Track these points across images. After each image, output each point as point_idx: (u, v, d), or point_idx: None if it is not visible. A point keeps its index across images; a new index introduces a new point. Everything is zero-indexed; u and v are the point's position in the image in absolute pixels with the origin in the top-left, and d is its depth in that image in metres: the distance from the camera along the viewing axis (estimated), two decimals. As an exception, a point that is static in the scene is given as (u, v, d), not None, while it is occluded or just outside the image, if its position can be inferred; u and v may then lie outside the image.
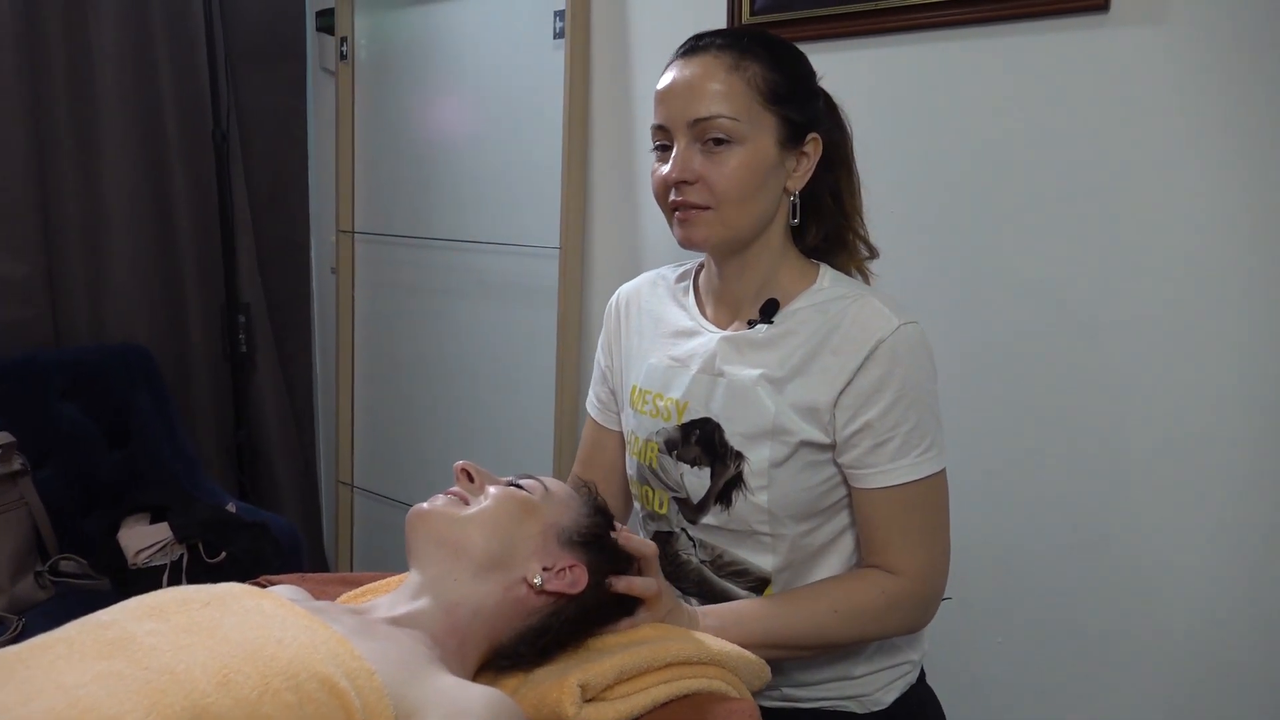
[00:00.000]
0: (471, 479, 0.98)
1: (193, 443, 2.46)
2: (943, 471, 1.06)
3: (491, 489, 0.97)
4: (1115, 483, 1.52)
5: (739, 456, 1.06)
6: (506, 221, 2.30)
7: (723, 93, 1.00)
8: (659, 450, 1.13)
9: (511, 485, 0.99)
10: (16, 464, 2.00)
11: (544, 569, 0.94)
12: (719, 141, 1.01)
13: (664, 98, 1.04)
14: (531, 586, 0.92)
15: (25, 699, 0.64)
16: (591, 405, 1.29)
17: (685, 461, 1.10)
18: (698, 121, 1.01)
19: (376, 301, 2.66)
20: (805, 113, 1.05)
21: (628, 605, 0.99)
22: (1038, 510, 1.60)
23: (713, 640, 0.97)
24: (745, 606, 1.05)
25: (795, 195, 1.07)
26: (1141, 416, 1.49)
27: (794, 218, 1.08)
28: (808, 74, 1.08)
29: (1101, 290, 1.50)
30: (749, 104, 1.01)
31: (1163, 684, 1.52)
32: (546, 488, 1.00)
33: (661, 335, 1.17)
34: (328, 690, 0.69)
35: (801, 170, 1.06)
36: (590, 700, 0.86)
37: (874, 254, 1.17)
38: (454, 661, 0.86)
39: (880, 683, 1.12)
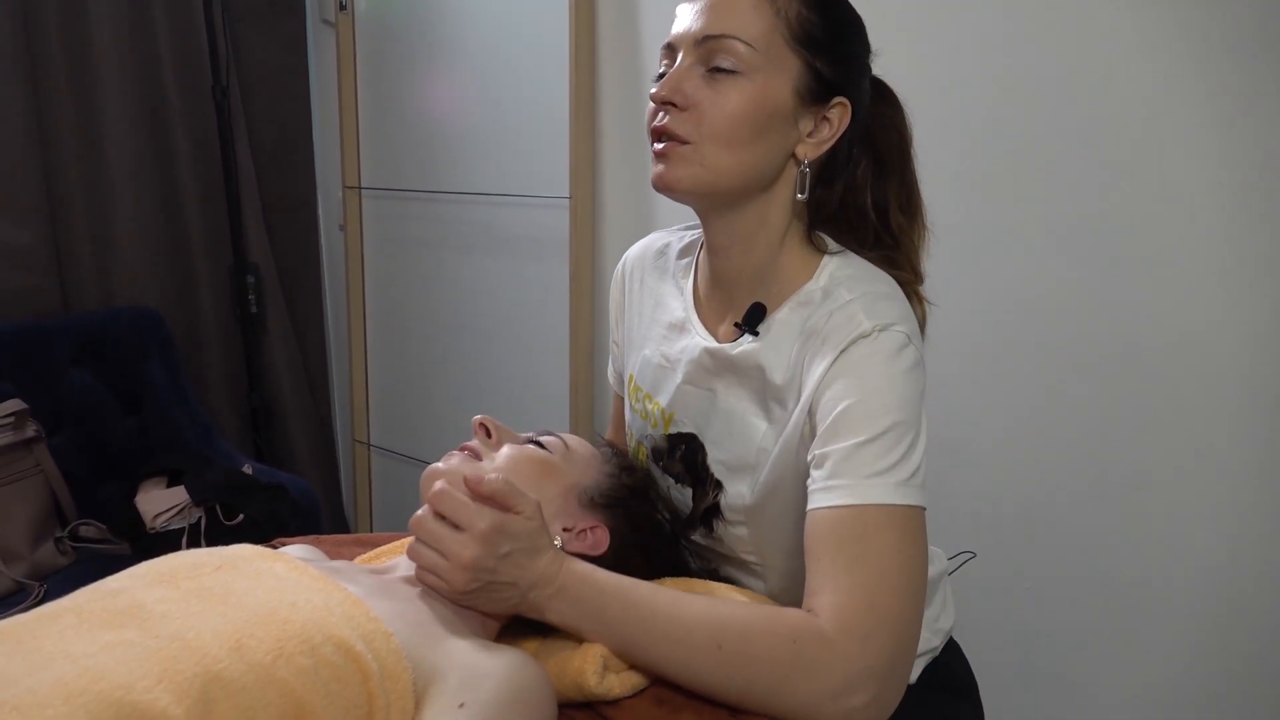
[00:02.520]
0: (490, 434, 0.95)
1: (206, 405, 2.46)
2: (909, 511, 0.82)
3: (509, 447, 0.94)
4: (1146, 429, 1.49)
5: (718, 485, 0.97)
6: (514, 172, 2.25)
7: (747, 14, 0.87)
8: (648, 457, 1.06)
9: (532, 443, 0.96)
10: (30, 431, 1.99)
11: (564, 530, 0.91)
12: (726, 71, 0.87)
13: (682, 11, 0.91)
14: (552, 549, 0.90)
15: (33, 670, 0.62)
16: (611, 376, 1.21)
17: (670, 475, 1.03)
18: (707, 39, 0.87)
19: (386, 258, 2.63)
20: (839, 71, 0.90)
21: (651, 565, 0.97)
22: (1066, 458, 1.57)
23: (735, 593, 0.95)
24: (614, 600, 0.83)
25: (805, 166, 0.91)
26: (1173, 360, 1.45)
27: (801, 191, 0.92)
28: (855, 33, 0.93)
29: (1131, 227, 1.46)
30: (772, 36, 0.87)
31: (1193, 633, 1.49)
32: (568, 446, 0.97)
33: (657, 323, 1.06)
34: (343, 653, 0.67)
35: (819, 138, 0.91)
36: (608, 669, 0.83)
37: (919, 279, 1.00)
38: (475, 622, 0.84)
39: None
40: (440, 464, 0.93)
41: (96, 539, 2.09)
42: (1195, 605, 1.48)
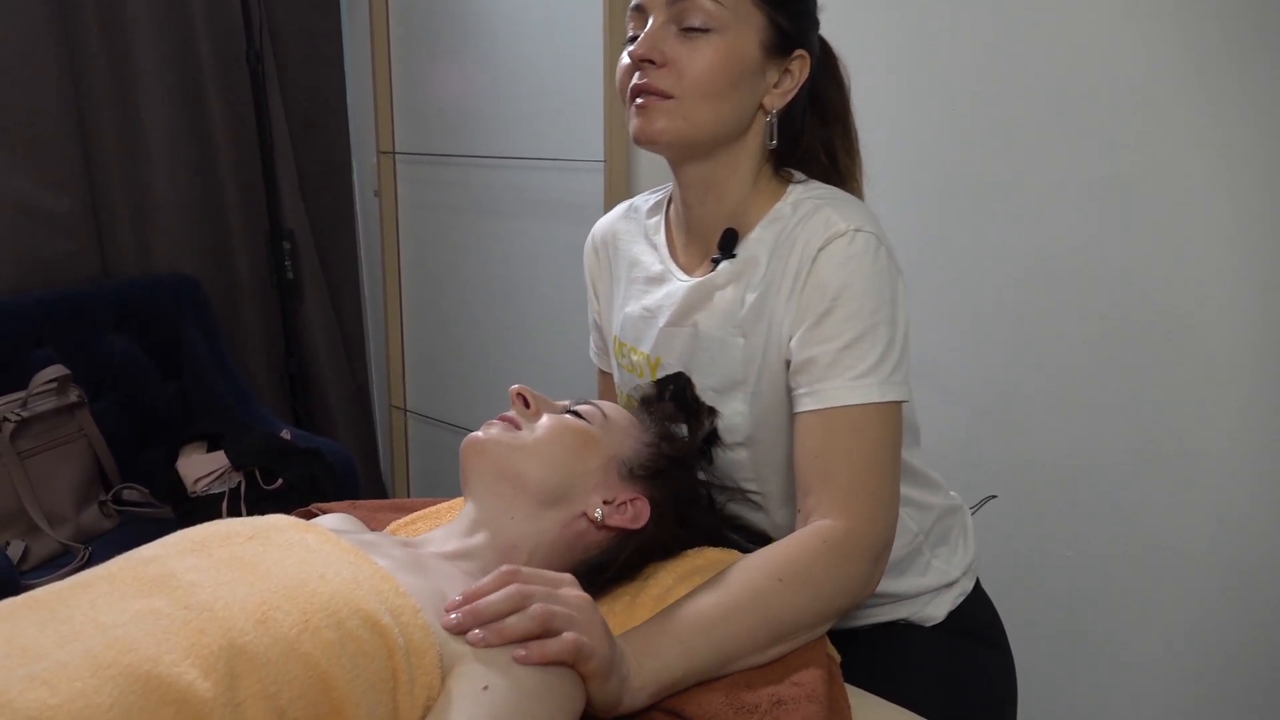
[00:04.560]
0: (528, 404, 0.94)
1: (244, 371, 2.48)
2: (890, 406, 0.91)
3: (547, 417, 0.93)
4: (1196, 395, 1.45)
5: (711, 412, 1.00)
6: (549, 136, 2.23)
7: None
8: (638, 407, 1.06)
9: (569, 413, 0.94)
10: (73, 396, 2.02)
11: (605, 503, 0.90)
12: (698, 30, 0.91)
13: None
14: (592, 521, 0.89)
15: (64, 641, 0.62)
16: (593, 353, 1.24)
17: (663, 419, 1.03)
18: (676, 1, 0.92)
19: (421, 223, 2.62)
20: (797, 24, 0.96)
21: (691, 535, 0.95)
22: (1112, 422, 1.53)
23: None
24: (681, 625, 0.80)
25: (773, 116, 0.97)
26: (1220, 321, 1.41)
27: (770, 139, 0.98)
28: None
29: (1173, 186, 1.41)
30: None
31: (1242, 602, 1.46)
32: (605, 415, 0.95)
33: (635, 281, 1.09)
34: (370, 627, 0.66)
35: (783, 88, 0.97)
36: None
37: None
38: None
39: (930, 600, 1.08)
40: (480, 433, 0.92)
41: (140, 502, 2.13)
42: (1251, 578, 1.45)
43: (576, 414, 0.94)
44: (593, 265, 1.19)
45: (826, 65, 1.03)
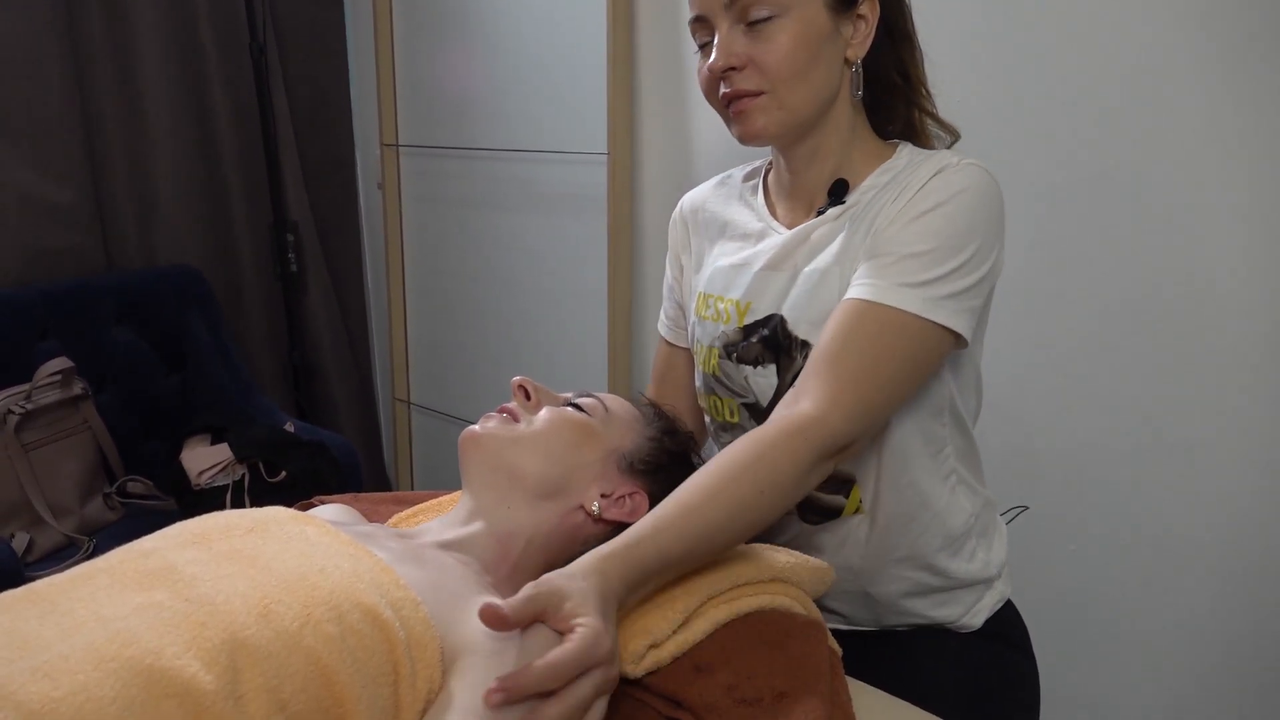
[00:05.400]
0: (529, 396, 0.94)
1: (248, 363, 2.48)
2: (930, 326, 0.89)
3: (546, 410, 0.93)
4: (1202, 386, 1.44)
5: (804, 345, 0.98)
6: (552, 128, 2.22)
7: None
8: (719, 356, 1.06)
9: (570, 405, 0.94)
10: (77, 388, 2.02)
11: (603, 496, 0.90)
12: (764, 20, 0.92)
13: None
14: (590, 514, 0.89)
15: (65, 633, 0.62)
16: (662, 324, 1.22)
17: (746, 363, 1.03)
18: (733, 1, 0.92)
19: (424, 215, 2.62)
20: None
21: None
22: (1118, 414, 1.53)
23: (773, 552, 0.93)
24: (658, 522, 0.80)
25: (858, 65, 0.97)
26: (1227, 313, 1.40)
27: (857, 89, 0.98)
28: None
29: (1186, 177, 1.40)
30: None
31: (1246, 593, 1.46)
32: (607, 408, 0.95)
33: (728, 239, 1.09)
34: (371, 621, 0.67)
35: (861, 35, 0.97)
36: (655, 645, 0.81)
37: (953, 134, 1.06)
38: (506, 588, 0.82)
39: (971, 606, 1.07)
40: (478, 426, 0.92)
41: (144, 495, 2.13)
42: (1261, 570, 1.45)
43: (577, 406, 0.93)
44: (678, 235, 1.18)
45: None
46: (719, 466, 0.84)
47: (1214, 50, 1.35)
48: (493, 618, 0.67)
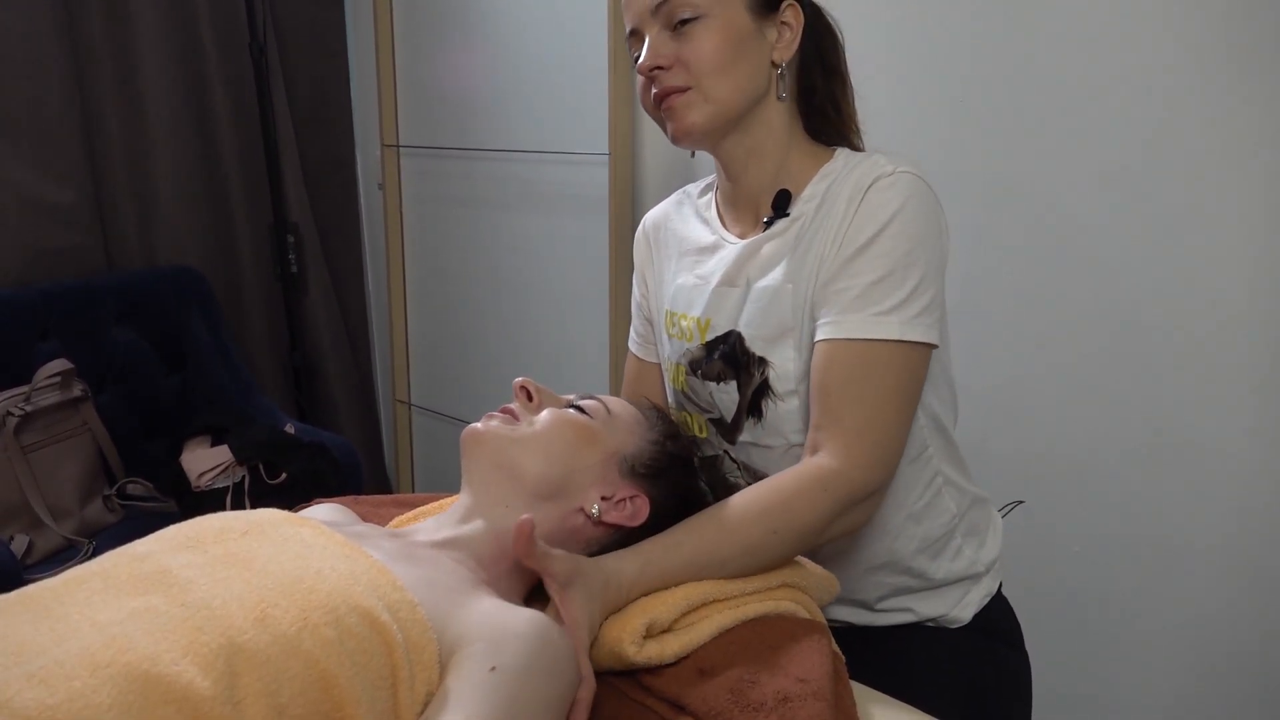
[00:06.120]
0: (530, 397, 0.93)
1: (248, 364, 2.47)
2: (913, 348, 0.92)
3: (548, 411, 0.92)
4: (1203, 385, 1.44)
5: (762, 363, 1.00)
6: (553, 129, 2.22)
7: None
8: (686, 373, 1.08)
9: (572, 407, 0.93)
10: (77, 390, 2.02)
11: (603, 499, 0.89)
12: (688, 21, 0.96)
13: (627, 1, 1.00)
14: (589, 517, 0.88)
15: (61, 639, 0.61)
16: (631, 341, 1.24)
17: (710, 379, 1.05)
18: (659, 7, 0.96)
19: (425, 216, 2.61)
20: None
21: None
22: (1122, 415, 1.52)
23: None
24: (670, 541, 0.87)
25: (783, 67, 1.00)
26: (1229, 313, 1.40)
27: (782, 93, 1.01)
28: None
29: (1187, 178, 1.39)
30: None
31: (1253, 596, 1.45)
32: (609, 410, 0.94)
33: (686, 254, 1.11)
34: (368, 624, 0.66)
35: (785, 40, 1.00)
36: (649, 636, 0.81)
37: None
38: (502, 585, 0.82)
39: (958, 600, 1.08)
40: (479, 425, 0.91)
41: (144, 496, 2.12)
42: (1263, 571, 1.44)
43: (579, 408, 0.93)
44: (641, 253, 1.20)
45: (818, 22, 1.05)
46: (741, 504, 0.89)
47: (1221, 52, 1.35)
48: (526, 536, 0.75)
